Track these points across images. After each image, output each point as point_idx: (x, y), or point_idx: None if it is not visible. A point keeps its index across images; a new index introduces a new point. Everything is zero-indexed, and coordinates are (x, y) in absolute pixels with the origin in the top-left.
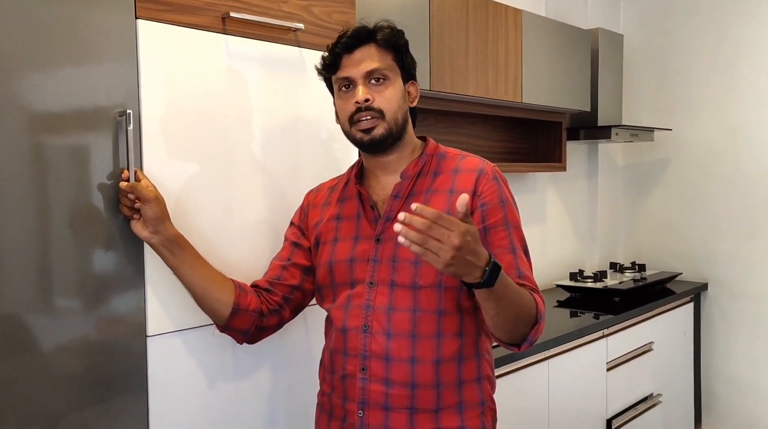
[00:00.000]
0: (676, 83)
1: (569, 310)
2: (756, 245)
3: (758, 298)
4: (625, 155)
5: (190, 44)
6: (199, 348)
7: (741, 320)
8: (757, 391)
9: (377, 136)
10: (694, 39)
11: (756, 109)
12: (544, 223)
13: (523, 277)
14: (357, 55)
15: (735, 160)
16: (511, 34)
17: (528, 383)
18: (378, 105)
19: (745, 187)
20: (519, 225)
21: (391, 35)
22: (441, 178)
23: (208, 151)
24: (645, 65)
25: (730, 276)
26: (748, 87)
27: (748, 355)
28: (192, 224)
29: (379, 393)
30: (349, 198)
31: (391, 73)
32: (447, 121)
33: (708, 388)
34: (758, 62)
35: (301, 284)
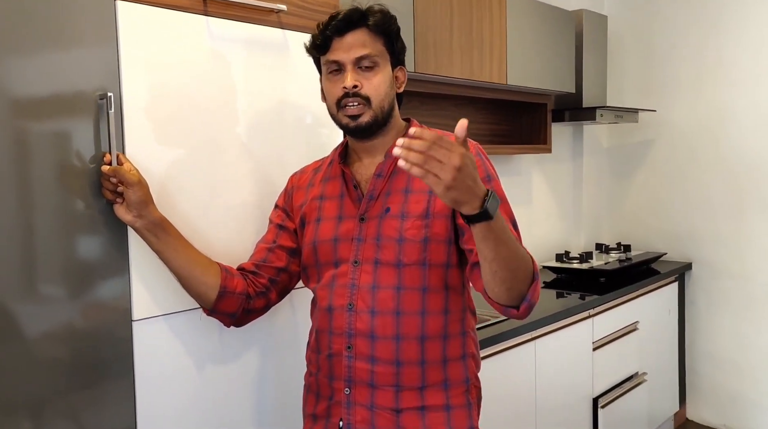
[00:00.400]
0: (660, 64)
1: (555, 291)
2: (739, 225)
3: (741, 277)
4: (610, 136)
5: (172, 26)
6: (185, 332)
7: (724, 299)
8: (740, 369)
9: (363, 123)
10: (677, 20)
11: (740, 89)
12: (529, 205)
13: None
14: (348, 38)
15: (719, 141)
16: (496, 16)
17: (515, 363)
18: (366, 92)
19: (728, 167)
20: (505, 198)
21: (383, 20)
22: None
23: (192, 134)
24: (629, 47)
25: (714, 256)
26: (732, 68)
27: (731, 333)
28: (176, 208)
29: (365, 371)
30: (332, 178)
31: (380, 60)
32: (432, 104)
33: (692, 366)
34: (742, 43)
35: (287, 266)
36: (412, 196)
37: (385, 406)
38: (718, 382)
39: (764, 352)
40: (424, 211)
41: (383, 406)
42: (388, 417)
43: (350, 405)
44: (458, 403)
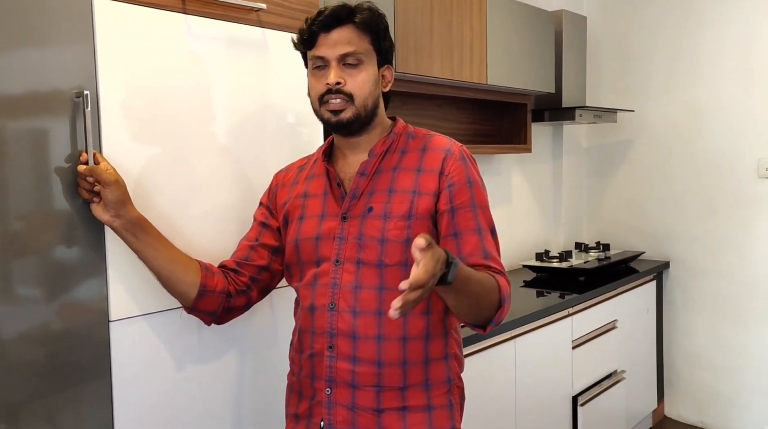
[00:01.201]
0: (638, 65)
1: (535, 289)
2: (715, 224)
3: (717, 275)
4: (589, 136)
5: (150, 24)
6: (164, 332)
7: (701, 297)
8: (716, 365)
9: (344, 119)
10: (655, 21)
11: (716, 90)
12: (510, 205)
13: (489, 257)
14: (334, 35)
15: (695, 141)
16: (476, 16)
17: (495, 362)
18: (349, 89)
19: (705, 167)
20: (486, 205)
21: (371, 18)
22: (408, 157)
23: (170, 132)
24: (608, 47)
25: (691, 254)
26: (709, 69)
27: (707, 331)
28: (154, 207)
29: (346, 371)
30: (317, 176)
31: (366, 57)
32: (413, 104)
33: (670, 363)
34: (718, 44)
35: (269, 265)
36: (395, 196)
37: (366, 406)
38: (695, 379)
39: (740, 349)
40: (407, 212)
41: (364, 407)
42: (369, 417)
43: (331, 405)
44: (440, 403)
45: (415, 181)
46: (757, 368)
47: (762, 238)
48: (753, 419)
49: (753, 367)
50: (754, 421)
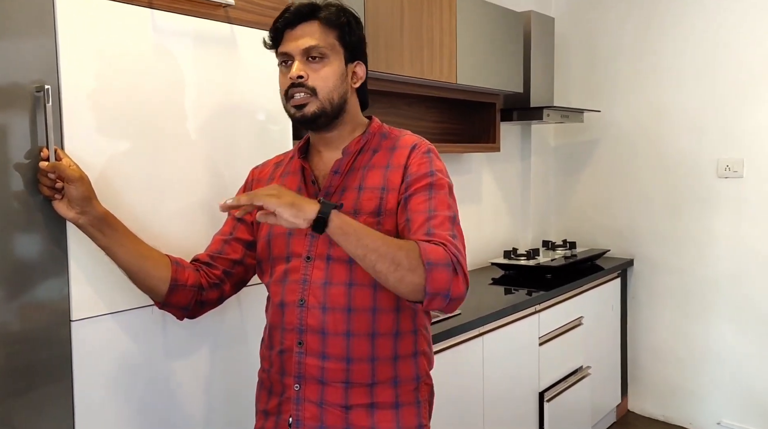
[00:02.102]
0: (604, 66)
1: (503, 287)
2: (677, 222)
3: (679, 272)
4: (557, 136)
5: (114, 18)
6: (130, 331)
7: (663, 293)
8: (678, 359)
9: (308, 114)
10: (620, 23)
11: (678, 92)
12: (479, 203)
13: (433, 234)
14: (298, 30)
15: (659, 141)
16: (446, 16)
17: (463, 359)
18: (311, 83)
19: (667, 167)
20: (446, 193)
21: (336, 13)
22: (378, 155)
23: (136, 128)
24: (575, 48)
25: (654, 252)
26: (671, 71)
27: (670, 326)
28: (121, 203)
29: (315, 367)
30: (292, 173)
31: (330, 52)
32: (384, 101)
33: (634, 359)
34: (679, 47)
35: (242, 259)
36: (365, 193)
37: (335, 402)
38: (657, 373)
39: (700, 344)
40: (377, 209)
41: (332, 403)
42: (338, 414)
43: (300, 401)
44: (407, 400)
45: (384, 177)
46: (716, 362)
47: (721, 236)
48: (712, 411)
49: (712, 361)
50: (713, 414)
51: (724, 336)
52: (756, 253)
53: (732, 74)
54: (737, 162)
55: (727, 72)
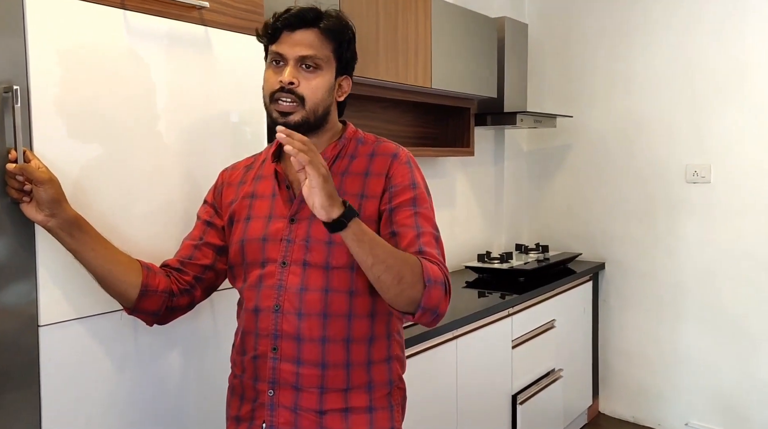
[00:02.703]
0: (576, 72)
1: (477, 290)
2: (647, 227)
3: (648, 275)
4: (530, 141)
5: (85, 18)
6: (99, 336)
7: (634, 297)
8: (647, 361)
9: (291, 122)
10: (592, 31)
11: (647, 99)
12: (453, 207)
13: (424, 253)
14: (297, 35)
15: (629, 147)
16: (421, 21)
17: (437, 362)
18: (301, 91)
19: (638, 172)
20: (427, 208)
21: (337, 26)
22: (357, 162)
23: (107, 130)
24: (548, 54)
25: (625, 256)
26: (640, 76)
27: (639, 329)
28: (92, 206)
29: (290, 372)
30: (265, 177)
31: (325, 64)
32: (358, 105)
33: (605, 361)
34: (650, 54)
35: (213, 264)
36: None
37: (309, 408)
38: (628, 376)
39: (669, 347)
40: None
41: (307, 408)
42: (312, 419)
43: (274, 407)
44: (381, 405)
45: (363, 184)
46: (685, 364)
47: (689, 240)
48: (680, 412)
49: (681, 363)
50: (681, 415)
51: (693, 338)
52: (723, 256)
53: (700, 83)
54: (705, 168)
55: (695, 80)
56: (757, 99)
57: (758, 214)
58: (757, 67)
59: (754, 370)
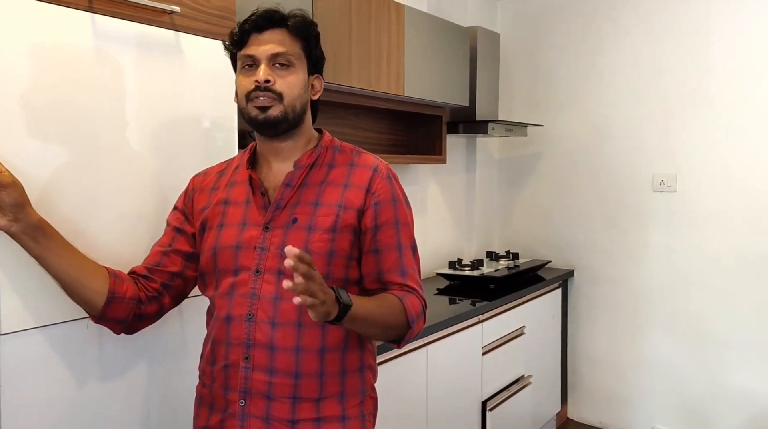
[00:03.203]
0: (546, 82)
1: (448, 297)
2: (615, 235)
3: (616, 283)
4: (501, 149)
5: (51, 21)
6: (63, 345)
7: (602, 304)
8: (614, 368)
9: (272, 117)
10: (561, 41)
11: (614, 107)
12: (425, 214)
13: (406, 274)
14: (266, 35)
15: (598, 156)
16: (394, 29)
17: (407, 369)
18: (278, 88)
19: (604, 180)
20: (408, 222)
21: (303, 24)
22: (336, 171)
23: (74, 134)
24: (519, 64)
25: (593, 263)
26: (608, 86)
27: (607, 336)
28: (57, 211)
29: (262, 382)
30: (239, 183)
31: (296, 61)
32: (330, 112)
33: (573, 367)
34: (617, 63)
35: (182, 271)
36: (321, 209)
37: (281, 417)
38: (595, 382)
39: (635, 353)
40: (332, 225)
41: (279, 418)
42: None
43: (245, 417)
44: (353, 414)
45: (342, 195)
46: (650, 370)
47: (656, 248)
48: (646, 418)
49: (646, 369)
50: (647, 420)
51: (658, 345)
52: (688, 264)
53: (667, 93)
54: (671, 177)
55: (662, 91)
56: (722, 110)
57: (723, 222)
58: (722, 80)
59: (718, 375)
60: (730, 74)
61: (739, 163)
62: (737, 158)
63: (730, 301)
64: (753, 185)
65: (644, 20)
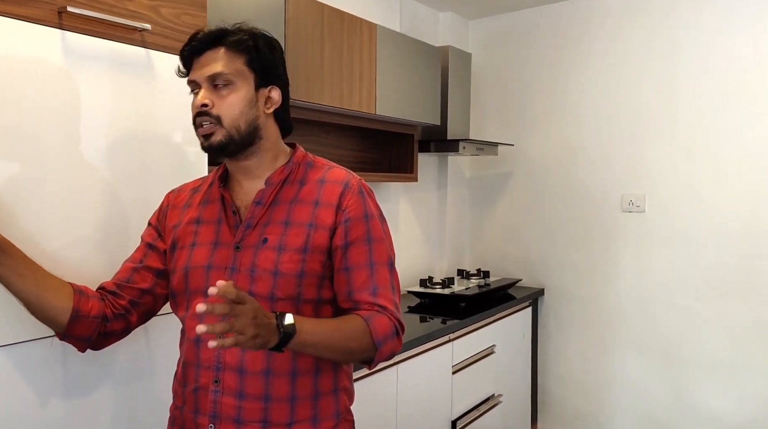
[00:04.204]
0: (517, 102)
1: (419, 315)
2: (585, 254)
3: (586, 301)
4: (472, 167)
5: (20, 37)
6: (24, 365)
7: (571, 322)
8: (583, 386)
9: (215, 143)
10: (531, 61)
11: (583, 129)
12: (396, 232)
13: (377, 293)
14: (204, 58)
15: (568, 176)
16: (366, 48)
17: (377, 389)
18: (216, 111)
19: (576, 200)
20: (382, 238)
21: (243, 38)
22: (306, 188)
23: (39, 150)
24: (490, 83)
25: (563, 282)
26: (577, 107)
27: (577, 354)
28: (20, 228)
29: (232, 406)
30: (211, 201)
31: (237, 79)
32: (303, 129)
33: (543, 386)
34: (585, 85)
35: (152, 288)
36: (291, 228)
37: None
38: (565, 400)
39: (605, 371)
40: (303, 246)
41: None
42: None
43: None
44: None
45: (312, 214)
46: (620, 388)
47: (625, 267)
48: None
49: (616, 387)
50: None
51: (628, 363)
52: (657, 283)
53: (634, 115)
54: (640, 197)
55: (630, 113)
56: (687, 132)
57: (689, 243)
58: (687, 103)
59: (685, 394)
60: (697, 97)
61: (706, 184)
62: (704, 179)
63: (697, 321)
64: (719, 206)
65: (615, 43)
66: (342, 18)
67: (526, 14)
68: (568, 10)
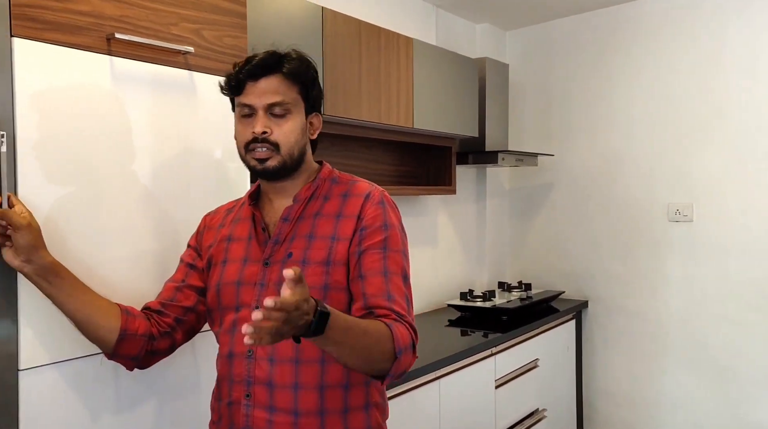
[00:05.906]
0: (556, 111)
1: (460, 329)
2: (630, 265)
3: (632, 314)
4: (512, 179)
5: (72, 64)
6: (79, 380)
7: (617, 335)
8: (631, 401)
9: (270, 168)
10: (572, 70)
11: (628, 138)
12: (435, 245)
13: (393, 300)
14: (262, 84)
15: (611, 185)
16: (403, 62)
17: (419, 403)
18: (275, 139)
19: (618, 209)
20: (400, 250)
21: (299, 67)
22: (330, 203)
23: (91, 175)
24: (529, 94)
25: (608, 294)
26: (621, 116)
27: (624, 368)
28: (71, 250)
29: (263, 420)
30: (242, 219)
31: (293, 107)
32: (341, 145)
33: (588, 400)
34: (630, 93)
35: (194, 306)
36: (315, 242)
37: None
38: (612, 416)
39: (653, 386)
40: (326, 258)
41: None
42: None
43: None
44: None
45: (335, 227)
46: (669, 404)
47: (672, 278)
48: None
49: (665, 403)
50: None
51: (676, 378)
52: (705, 295)
53: (681, 122)
54: (687, 206)
55: (676, 120)
56: (737, 138)
57: (741, 253)
58: (737, 107)
59: (740, 412)
60: (745, 102)
61: (756, 191)
62: (754, 187)
63: (751, 335)
64: None
65: (657, 49)
66: (379, 34)
67: (563, 23)
68: (606, 18)
